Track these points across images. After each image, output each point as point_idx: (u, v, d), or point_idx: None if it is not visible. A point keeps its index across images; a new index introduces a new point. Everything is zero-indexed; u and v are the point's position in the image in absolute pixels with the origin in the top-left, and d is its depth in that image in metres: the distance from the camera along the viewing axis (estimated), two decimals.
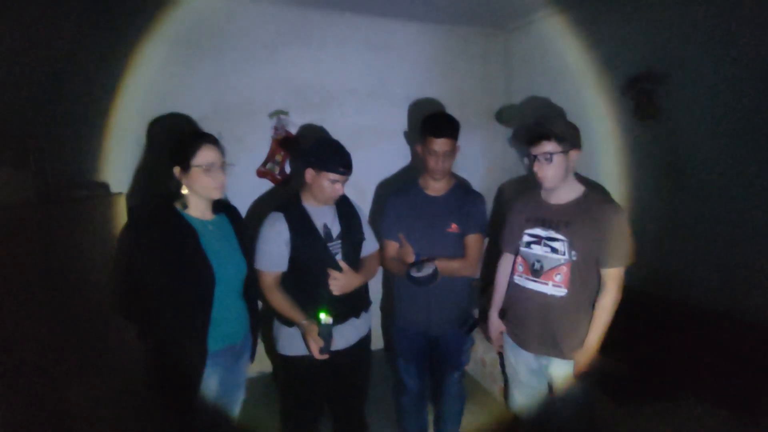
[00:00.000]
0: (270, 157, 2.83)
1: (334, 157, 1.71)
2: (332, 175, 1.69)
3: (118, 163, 2.35)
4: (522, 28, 3.17)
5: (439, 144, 1.81)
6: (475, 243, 1.90)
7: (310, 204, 1.79)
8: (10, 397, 1.29)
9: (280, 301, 1.70)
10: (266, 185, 2.86)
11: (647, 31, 2.31)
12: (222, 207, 1.63)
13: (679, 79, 2.18)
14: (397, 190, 2.04)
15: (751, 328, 1.90)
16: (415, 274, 1.75)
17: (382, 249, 1.98)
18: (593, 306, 1.65)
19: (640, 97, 2.35)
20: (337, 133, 2.83)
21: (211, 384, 1.52)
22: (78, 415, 1.50)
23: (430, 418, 2.24)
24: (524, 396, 1.90)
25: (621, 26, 2.45)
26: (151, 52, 2.42)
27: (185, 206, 1.50)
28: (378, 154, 3.06)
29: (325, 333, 1.59)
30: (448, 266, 1.84)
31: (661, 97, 2.26)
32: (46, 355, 1.41)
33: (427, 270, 1.74)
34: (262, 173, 2.83)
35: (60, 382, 1.46)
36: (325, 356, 1.62)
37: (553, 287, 1.67)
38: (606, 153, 2.54)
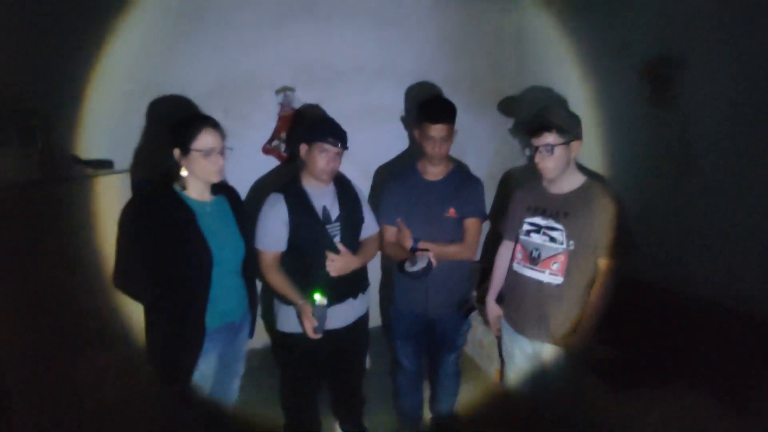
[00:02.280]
0: (276, 135, 2.82)
1: (323, 127, 1.74)
2: (323, 145, 1.70)
3: (123, 141, 2.37)
4: (536, 5, 3.05)
5: (436, 129, 1.79)
6: (472, 227, 1.90)
7: (310, 185, 1.81)
8: (23, 367, 1.36)
9: (278, 280, 1.74)
10: (272, 162, 2.86)
11: (665, 13, 2.21)
12: (221, 188, 1.64)
13: (697, 64, 2.09)
14: (395, 175, 2.03)
15: (750, 320, 1.88)
16: (409, 268, 1.76)
17: (380, 233, 1.99)
18: (588, 295, 1.66)
19: (656, 82, 2.27)
20: (344, 111, 2.77)
21: (210, 359, 1.57)
22: (85, 385, 1.58)
23: (426, 396, 2.30)
24: (518, 379, 1.93)
25: (639, 8, 2.34)
26: (156, 27, 2.40)
27: (184, 187, 1.52)
28: (386, 135, 3.02)
29: (319, 313, 1.63)
30: (445, 251, 1.85)
31: (678, 83, 2.18)
32: (55, 329, 1.47)
33: (420, 263, 1.74)
34: (268, 150, 2.84)
35: (68, 354, 1.53)
36: (319, 336, 1.67)
37: (550, 275, 1.69)
38: (617, 140, 2.48)
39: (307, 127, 1.79)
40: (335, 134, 1.72)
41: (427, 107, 1.84)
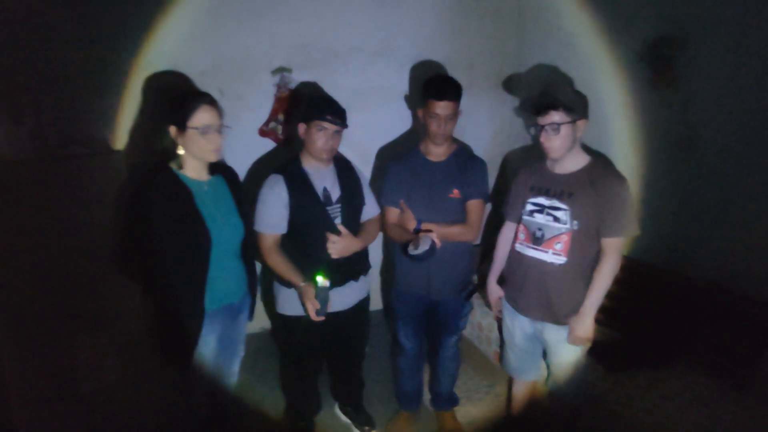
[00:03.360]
0: (272, 116, 2.77)
1: (321, 105, 1.71)
2: (321, 123, 1.67)
3: (117, 120, 2.30)
4: None
5: (441, 107, 1.76)
6: (475, 208, 1.88)
7: (310, 167, 1.78)
8: (20, 351, 1.33)
9: (279, 262, 1.72)
10: (268, 144, 2.82)
11: None
12: (218, 168, 1.61)
13: (699, 44, 2.06)
14: (398, 156, 2.00)
15: (748, 300, 1.90)
16: (412, 252, 1.74)
17: (382, 215, 1.97)
18: (591, 275, 1.65)
19: (657, 64, 2.24)
20: (341, 93, 2.71)
21: (210, 341, 1.56)
22: (85, 367, 1.55)
23: (426, 377, 2.31)
24: (518, 359, 1.94)
25: None
26: (151, 5, 2.33)
27: (181, 166, 1.48)
28: (383, 117, 2.97)
29: (322, 296, 1.61)
30: (448, 232, 1.84)
31: (679, 65, 2.15)
32: (53, 311, 1.44)
33: (423, 246, 1.72)
34: (264, 132, 2.79)
35: (68, 336, 1.50)
36: (321, 318, 1.65)
37: (553, 255, 1.67)
38: (617, 122, 2.46)
39: (305, 106, 1.77)
40: (334, 112, 1.69)
41: (433, 84, 1.81)
